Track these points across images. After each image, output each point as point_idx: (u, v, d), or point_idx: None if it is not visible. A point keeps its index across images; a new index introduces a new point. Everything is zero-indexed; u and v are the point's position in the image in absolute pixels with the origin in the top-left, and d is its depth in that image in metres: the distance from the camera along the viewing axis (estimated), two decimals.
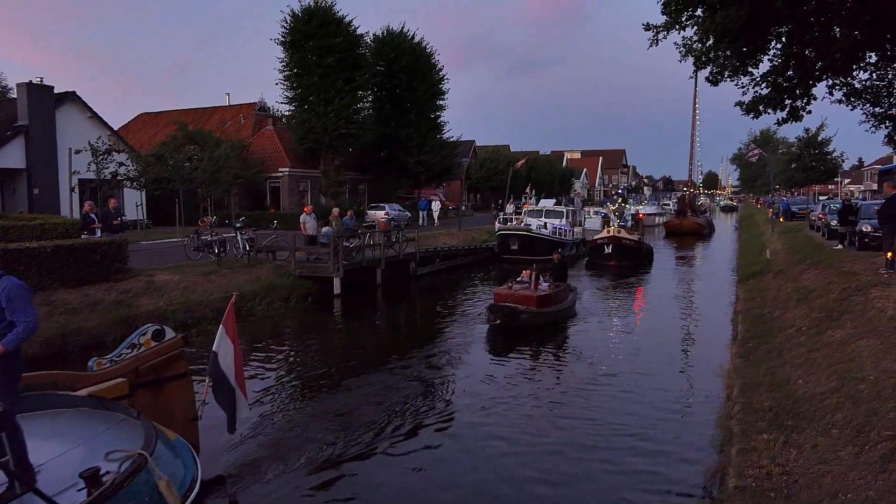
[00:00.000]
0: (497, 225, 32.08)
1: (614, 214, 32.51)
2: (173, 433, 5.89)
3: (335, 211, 22.93)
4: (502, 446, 8.42)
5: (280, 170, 39.99)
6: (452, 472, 7.69)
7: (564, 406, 10.02)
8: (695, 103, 59.00)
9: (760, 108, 16.99)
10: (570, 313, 16.45)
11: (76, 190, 28.10)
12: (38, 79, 30.94)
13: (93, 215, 17.35)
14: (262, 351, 13.56)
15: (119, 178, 29.04)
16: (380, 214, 36.61)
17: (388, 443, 8.54)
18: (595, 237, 30.76)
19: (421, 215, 38.48)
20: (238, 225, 20.87)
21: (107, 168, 27.92)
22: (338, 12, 37.49)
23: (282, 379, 11.54)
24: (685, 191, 61.89)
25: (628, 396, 10.44)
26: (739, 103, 17.33)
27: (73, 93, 32.49)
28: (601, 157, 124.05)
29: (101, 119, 33.43)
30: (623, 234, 29.02)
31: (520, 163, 45.64)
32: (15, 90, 31.13)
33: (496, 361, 12.59)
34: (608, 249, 28.76)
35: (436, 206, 39.91)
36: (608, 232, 29.32)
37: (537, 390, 10.78)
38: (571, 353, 13.31)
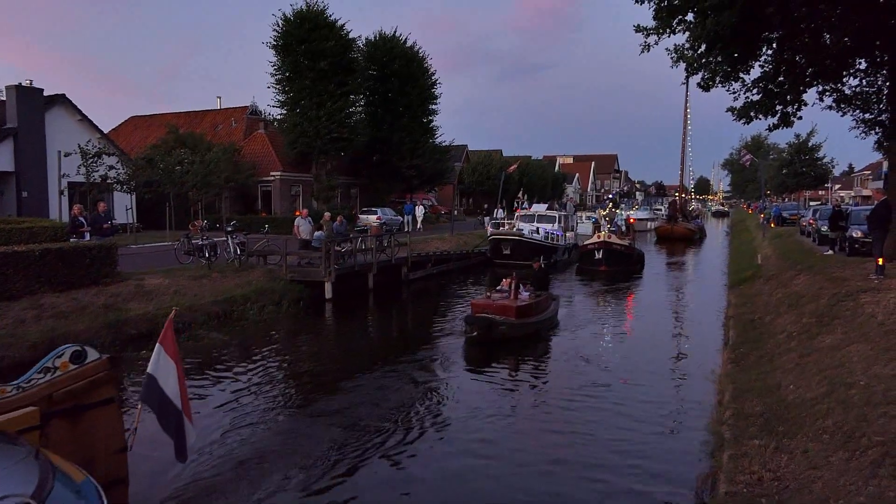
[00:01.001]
0: (489, 229, 32.10)
1: (605, 220, 32.63)
2: (82, 473, 4.97)
3: (326, 215, 22.92)
4: (484, 465, 8.06)
5: (272, 174, 39.89)
6: (432, 494, 7.42)
7: (549, 417, 9.84)
8: (686, 109, 59.38)
9: (752, 113, 17.08)
10: (551, 324, 15.94)
11: (65, 193, 27.90)
12: (28, 81, 30.72)
13: (82, 219, 17.23)
14: (252, 355, 13.48)
15: (109, 181, 28.88)
16: (372, 219, 36.60)
17: (359, 462, 8.17)
18: (585, 242, 30.80)
19: (406, 220, 38.36)
20: (229, 229, 20.76)
21: (96, 171, 27.75)
22: (330, 16, 37.54)
23: (265, 385, 11.44)
24: (676, 196, 62.11)
25: (617, 405, 10.36)
26: (731, 109, 17.43)
27: (63, 95, 32.30)
28: (593, 162, 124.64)
29: (90, 122, 33.25)
30: (614, 239, 29.02)
31: (512, 167, 45.78)
32: (4, 93, 30.86)
33: (475, 375, 12.11)
34: (599, 255, 28.76)
35: (420, 210, 39.55)
36: (599, 237, 29.34)
37: (519, 403, 10.46)
38: (555, 364, 12.94)
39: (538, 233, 30.91)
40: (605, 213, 36.24)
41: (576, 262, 31.50)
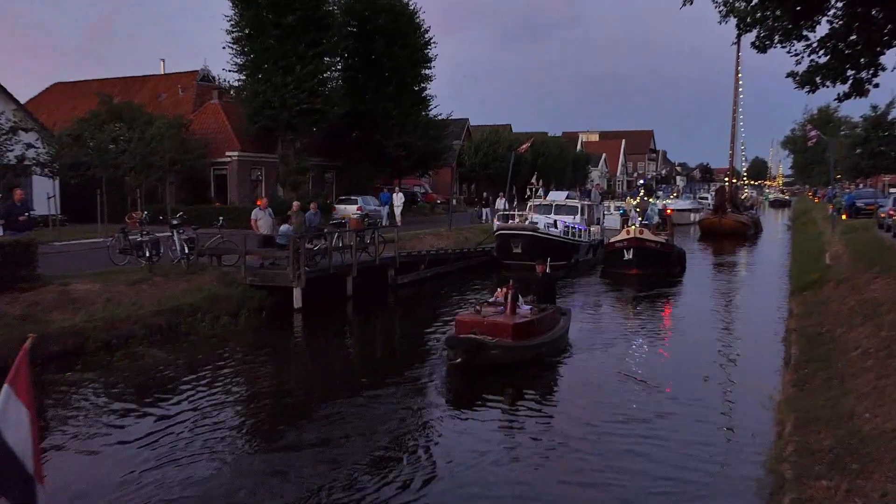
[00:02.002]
0: (494, 223, 32.11)
1: (636, 211, 32.58)
2: None
3: (295, 205, 22.88)
4: None
5: (227, 154, 39.86)
6: None
7: (568, 460, 9.73)
8: (737, 75, 59.40)
9: (817, 80, 17.08)
10: (560, 345, 15.41)
11: None
12: None
13: None
14: (202, 378, 13.47)
15: (27, 163, 28.78)
16: (351, 210, 36.58)
17: None
18: (612, 239, 30.79)
19: (382, 211, 37.96)
20: (175, 222, 20.73)
21: (11, 151, 27.67)
22: None
23: (215, 414, 11.40)
24: (725, 182, 62.21)
25: (652, 442, 10.31)
26: (792, 74, 17.43)
27: None
28: (624, 140, 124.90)
29: (3, 90, 33.18)
30: (647, 235, 28.93)
31: (524, 146, 45.73)
32: None
33: (472, 407, 11.98)
34: (628, 255, 28.63)
35: (398, 199, 38.81)
36: (628, 233, 29.21)
37: (528, 444, 10.27)
38: (569, 394, 12.90)
39: (556, 227, 30.92)
40: (636, 203, 36.23)
41: (601, 263, 31.54)
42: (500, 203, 42.70)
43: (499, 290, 15.58)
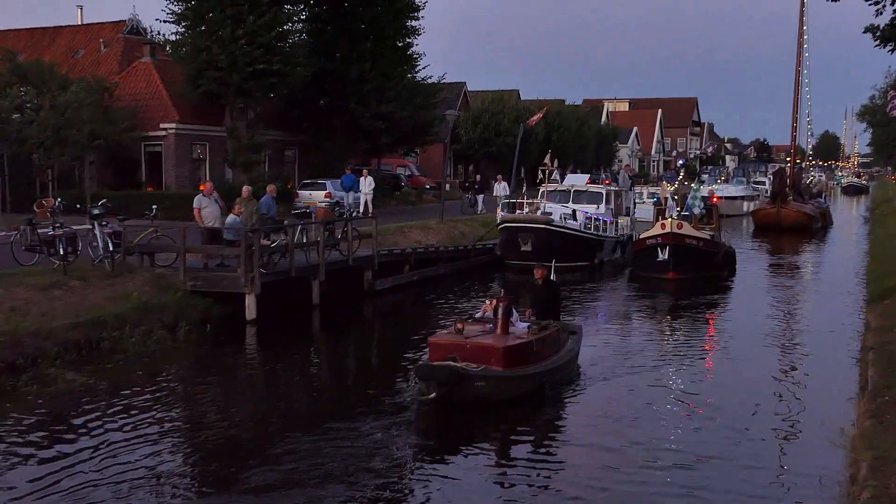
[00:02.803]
0: (498, 213, 32.13)
1: (673, 199, 32.42)
2: None
3: (245, 190, 22.75)
4: None
5: (163, 126, 39.69)
6: None
7: None
8: (801, 27, 59.55)
9: None
10: (566, 373, 15.07)
11: None
12: None
13: None
14: (128, 407, 13.42)
15: None
16: (318, 196, 36.48)
17: None
18: (643, 235, 30.76)
19: (346, 199, 36.04)
20: (96, 212, 20.61)
21: None
22: None
23: (143, 453, 11.33)
24: (787, 163, 62.39)
25: (691, 489, 10.33)
26: (871, 29, 17.50)
27: None
28: (660, 111, 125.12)
29: None
30: (686, 230, 28.80)
31: (535, 117, 45.73)
32: None
33: (457, 449, 11.90)
34: (663, 254, 28.50)
35: (367, 184, 37.29)
36: (663, 227, 29.07)
37: (525, 497, 10.29)
38: (581, 431, 12.77)
39: (575, 218, 30.95)
40: (672, 189, 36.09)
41: (629, 264, 31.55)
42: (500, 188, 42.55)
43: (487, 302, 15.23)
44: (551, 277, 16.75)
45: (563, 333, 15.59)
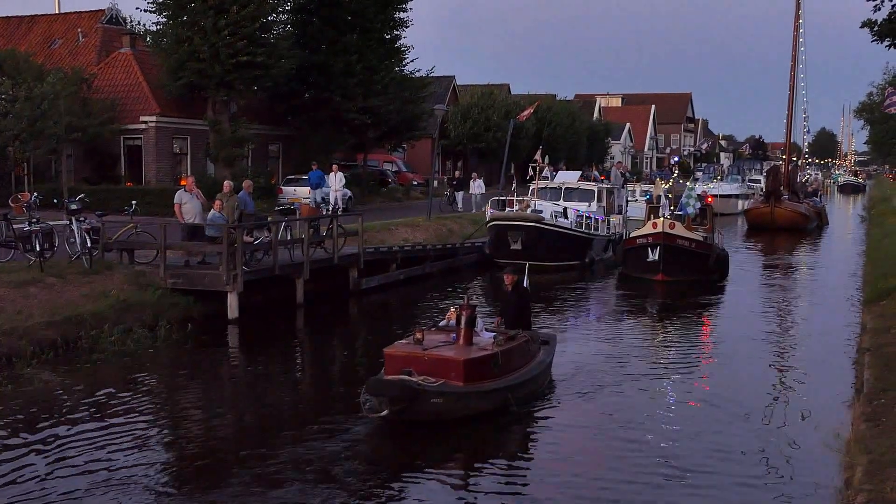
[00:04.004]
0: (488, 211, 32.15)
1: (666, 197, 32.39)
2: None
3: (227, 185, 22.67)
4: None
5: (143, 119, 39.62)
6: None
7: None
8: (797, 23, 59.75)
9: None
10: (536, 387, 14.33)
11: None
12: None
13: None
14: (105, 409, 13.38)
15: None
16: (303, 192, 36.43)
17: None
18: (633, 234, 30.68)
19: (313, 196, 34.76)
20: (74, 207, 20.57)
21: None
22: None
23: (119, 460, 11.25)
24: (782, 161, 62.57)
25: (683, 487, 10.38)
26: (869, 23, 17.56)
27: None
28: (654, 106, 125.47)
29: None
30: (678, 229, 28.61)
31: (526, 112, 45.73)
32: None
33: (414, 472, 11.31)
34: (653, 255, 28.28)
35: (337, 179, 36.28)
36: (654, 226, 28.91)
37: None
38: (556, 448, 12.24)
39: (566, 216, 31.01)
40: (666, 186, 36.11)
41: (619, 264, 31.53)
42: (476, 186, 42.40)
43: (452, 309, 14.34)
44: (524, 284, 15.84)
45: (533, 344, 14.75)
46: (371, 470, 11.14)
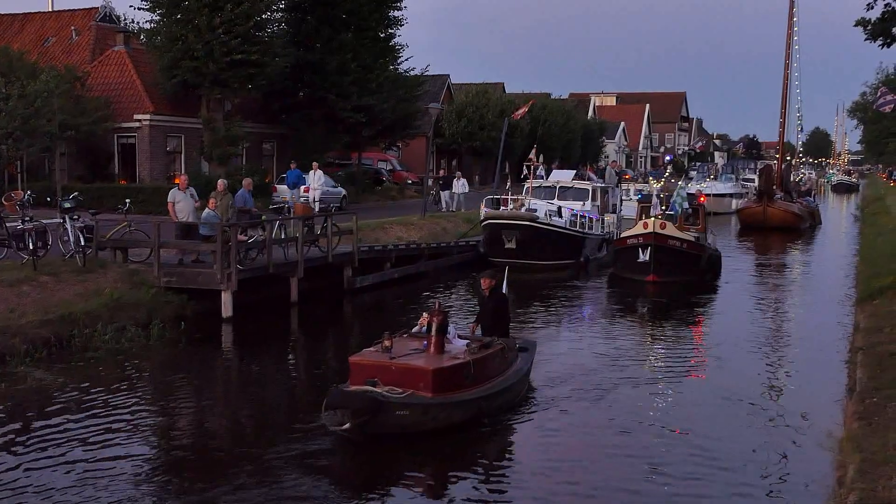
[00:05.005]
0: (482, 210, 32.15)
1: (658, 197, 32.25)
2: None
3: (220, 184, 22.65)
4: None
5: (136, 117, 39.53)
6: None
7: None
8: (791, 21, 59.77)
9: (895, 29, 17.25)
10: (513, 396, 13.65)
11: None
12: None
13: None
14: (98, 408, 13.37)
15: None
16: (297, 191, 36.38)
17: None
18: (623, 234, 30.37)
19: (291, 196, 33.74)
20: (67, 206, 20.53)
21: None
22: None
23: (114, 461, 11.19)
24: (776, 160, 62.62)
25: (675, 489, 10.40)
26: (862, 22, 17.57)
27: None
28: (648, 105, 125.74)
29: None
30: (670, 230, 28.36)
31: (520, 111, 45.89)
32: None
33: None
34: (644, 255, 27.84)
35: (317, 178, 35.41)
36: (645, 226, 28.64)
37: None
38: (539, 458, 11.83)
39: (560, 215, 31.02)
40: (658, 185, 36.08)
41: (609, 264, 31.41)
42: (459, 185, 42.25)
43: (424, 314, 13.64)
44: (503, 288, 15.20)
45: (509, 351, 13.99)
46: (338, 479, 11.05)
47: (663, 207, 29.94)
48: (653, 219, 28.18)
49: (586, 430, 12.95)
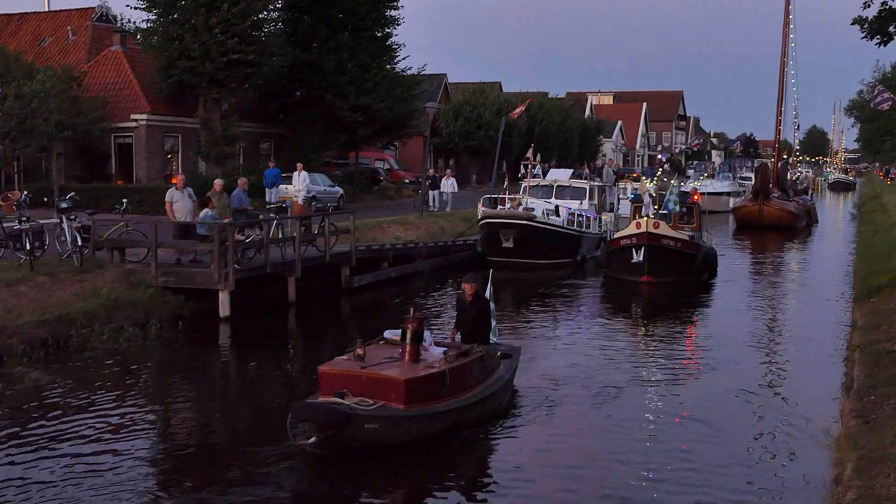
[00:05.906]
0: (480, 209, 32.14)
1: (651, 196, 31.97)
2: None
3: (217, 184, 22.63)
4: None
5: (133, 117, 39.53)
6: None
7: None
8: (787, 19, 59.80)
9: (891, 28, 17.26)
10: (494, 405, 13.01)
11: None
12: None
13: None
14: (95, 408, 13.35)
15: None
16: (293, 189, 36.36)
17: None
18: (617, 234, 30.06)
19: (268, 197, 33.27)
20: (64, 206, 20.52)
21: None
22: None
23: (110, 461, 11.15)
24: (773, 158, 62.64)
25: (671, 485, 10.40)
26: (859, 21, 17.57)
27: None
28: (645, 104, 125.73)
29: None
30: (663, 229, 28.10)
31: (518, 110, 45.81)
32: None
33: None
34: (637, 255, 27.50)
35: (301, 179, 34.66)
36: (638, 226, 28.35)
37: None
38: (528, 464, 11.45)
39: (557, 214, 31.04)
40: (651, 184, 35.96)
41: (603, 264, 31.24)
42: (447, 184, 42.17)
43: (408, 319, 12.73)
44: (485, 293, 14.54)
45: (491, 359, 13.22)
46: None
47: (656, 207, 29.59)
48: (646, 218, 27.75)
49: (572, 436, 12.54)
